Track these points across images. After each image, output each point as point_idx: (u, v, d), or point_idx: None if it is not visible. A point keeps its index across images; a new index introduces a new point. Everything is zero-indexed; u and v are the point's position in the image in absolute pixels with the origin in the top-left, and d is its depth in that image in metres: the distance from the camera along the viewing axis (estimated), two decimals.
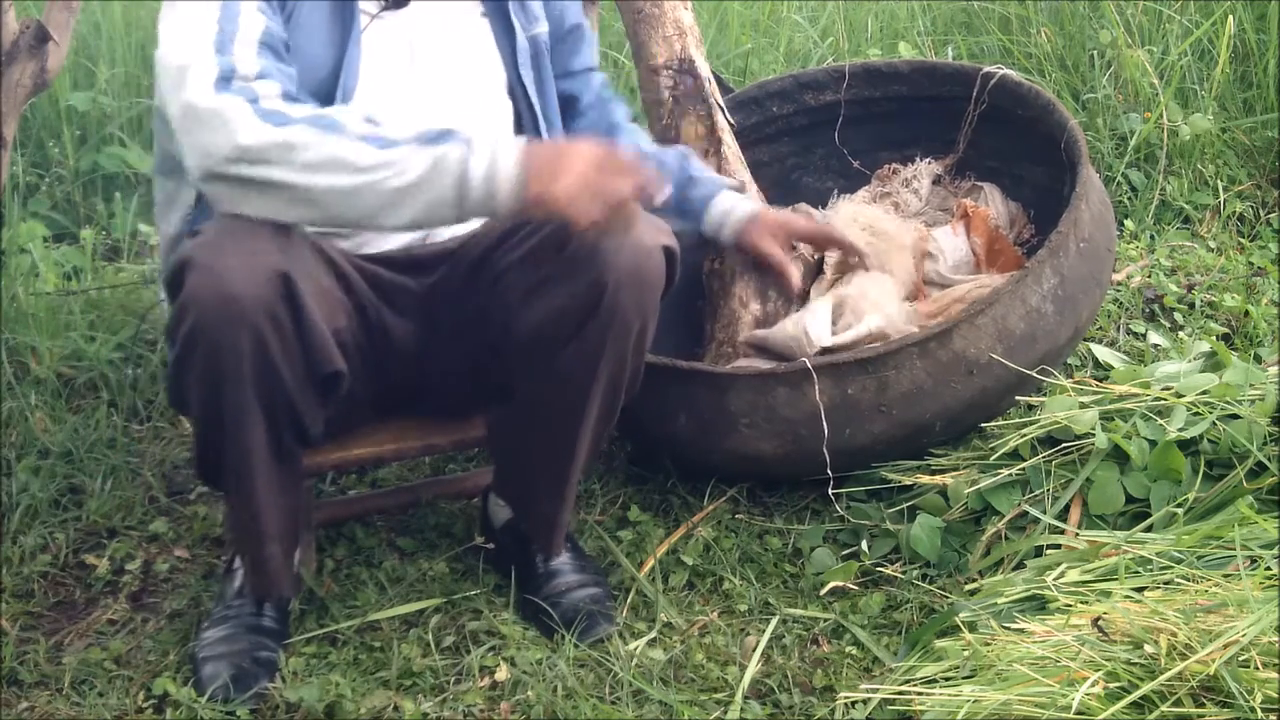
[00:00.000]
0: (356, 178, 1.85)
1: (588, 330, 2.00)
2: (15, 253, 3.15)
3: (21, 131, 3.38)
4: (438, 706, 2.01)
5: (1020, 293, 2.29)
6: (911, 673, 1.90)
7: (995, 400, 2.33)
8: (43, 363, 2.80)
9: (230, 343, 1.86)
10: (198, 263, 1.86)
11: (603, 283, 1.96)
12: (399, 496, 2.43)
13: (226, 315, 1.85)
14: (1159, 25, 3.67)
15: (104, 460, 2.58)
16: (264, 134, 1.84)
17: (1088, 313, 2.40)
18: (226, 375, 1.89)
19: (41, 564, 2.34)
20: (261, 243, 1.88)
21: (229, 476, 2.02)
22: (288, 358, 1.91)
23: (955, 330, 2.25)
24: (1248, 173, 3.47)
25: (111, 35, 3.75)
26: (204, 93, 1.86)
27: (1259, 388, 2.27)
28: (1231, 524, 1.98)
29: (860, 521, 2.34)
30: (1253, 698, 1.58)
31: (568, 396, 2.06)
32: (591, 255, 1.96)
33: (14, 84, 2.40)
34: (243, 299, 1.85)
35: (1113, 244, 2.49)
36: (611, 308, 1.98)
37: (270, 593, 2.13)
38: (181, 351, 1.90)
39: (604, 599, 2.19)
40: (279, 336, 1.89)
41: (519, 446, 2.18)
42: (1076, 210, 2.35)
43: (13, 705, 2.03)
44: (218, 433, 1.96)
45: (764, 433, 2.30)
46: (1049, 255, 2.31)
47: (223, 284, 1.84)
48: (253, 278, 1.85)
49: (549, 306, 2.01)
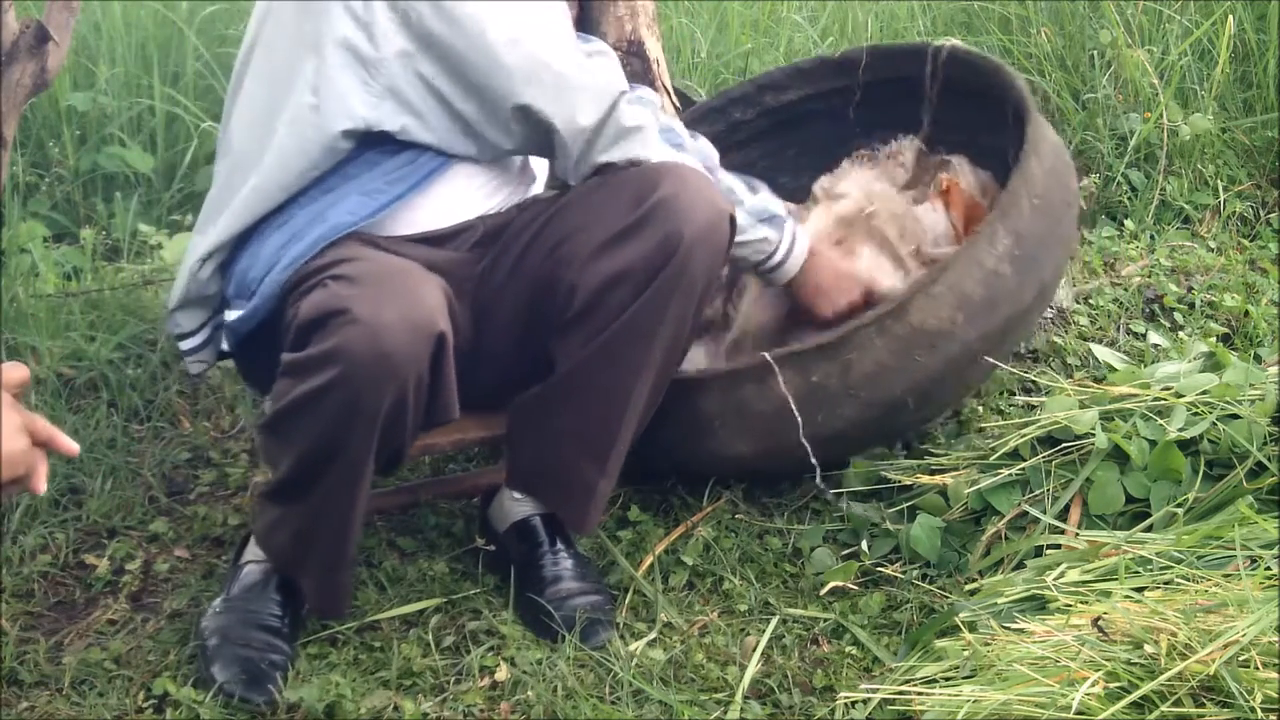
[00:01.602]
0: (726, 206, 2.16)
1: (658, 283, 2.04)
2: (15, 253, 3.15)
3: (21, 131, 3.38)
4: (438, 706, 2.01)
5: (975, 256, 2.24)
6: (911, 673, 1.90)
7: (964, 370, 2.28)
8: (43, 363, 2.80)
9: (374, 397, 1.88)
10: (355, 315, 1.86)
11: (679, 235, 2.02)
12: (399, 496, 2.43)
13: (379, 374, 1.87)
14: (1159, 25, 3.67)
15: (104, 460, 2.58)
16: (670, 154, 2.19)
17: (1051, 271, 2.35)
18: (360, 421, 1.91)
19: (41, 564, 2.34)
20: (419, 296, 1.91)
21: (318, 505, 2.01)
22: (417, 409, 1.95)
23: (911, 303, 2.21)
24: (1248, 173, 3.47)
25: (111, 35, 3.75)
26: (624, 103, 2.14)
27: (1259, 388, 2.27)
28: (1231, 524, 1.98)
29: (860, 520, 2.34)
30: (1253, 698, 1.58)
31: (629, 354, 2.08)
32: (669, 210, 2.03)
33: (14, 84, 2.40)
34: (398, 359, 1.87)
35: (1072, 198, 2.41)
36: (684, 262, 2.03)
37: (337, 612, 2.15)
38: (314, 392, 1.90)
39: (604, 605, 2.18)
40: (417, 394, 1.92)
41: (560, 421, 2.16)
42: (1026, 166, 2.29)
43: (13, 705, 2.03)
44: (326, 465, 1.97)
45: (738, 431, 2.29)
46: (1000, 216, 2.26)
47: (380, 341, 1.86)
48: (413, 338, 1.88)
49: (621, 260, 2.04)
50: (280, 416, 1.97)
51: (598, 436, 2.14)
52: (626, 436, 2.15)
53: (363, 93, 2.07)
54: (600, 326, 2.07)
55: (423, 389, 1.93)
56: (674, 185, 2.06)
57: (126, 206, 3.41)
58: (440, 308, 1.94)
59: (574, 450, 2.17)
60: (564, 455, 2.18)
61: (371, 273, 1.94)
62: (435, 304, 1.93)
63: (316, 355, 1.88)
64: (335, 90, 2.07)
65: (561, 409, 2.14)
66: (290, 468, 2.01)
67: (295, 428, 1.96)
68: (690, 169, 2.16)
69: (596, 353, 2.08)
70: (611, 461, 2.17)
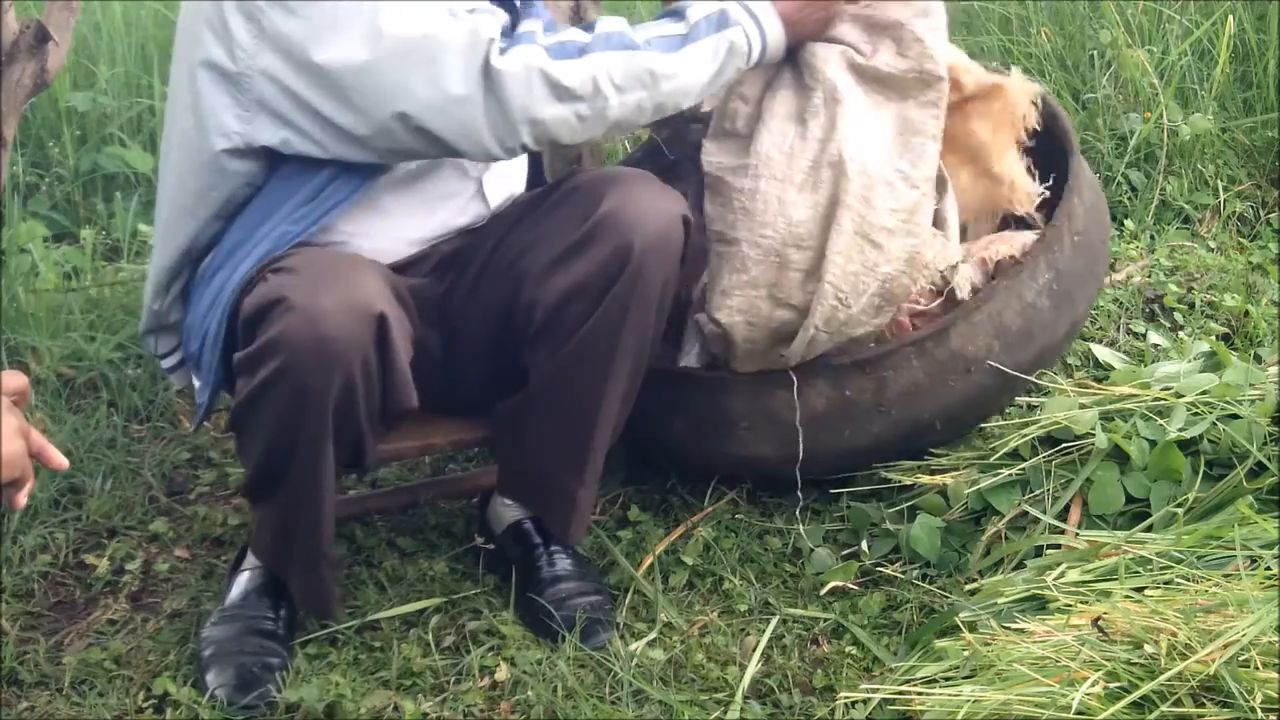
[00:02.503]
0: (665, 86, 2.04)
1: (613, 295, 2.02)
2: (15, 253, 3.15)
3: (21, 131, 3.38)
4: (438, 706, 2.01)
5: (1016, 288, 2.27)
6: (911, 673, 1.90)
7: (994, 398, 2.33)
8: (43, 363, 2.80)
9: (320, 384, 1.88)
10: (293, 303, 1.86)
11: (629, 246, 2.00)
12: (399, 496, 2.43)
13: (321, 357, 1.86)
14: (1159, 25, 3.67)
15: (104, 460, 2.58)
16: (575, 70, 1.98)
17: (1084, 307, 2.39)
18: (310, 411, 1.91)
19: (41, 564, 2.34)
20: (357, 282, 1.90)
21: (288, 499, 2.02)
22: (369, 396, 1.93)
23: (952, 328, 2.24)
24: (1248, 173, 3.46)
25: (111, 35, 3.75)
26: (500, 56, 1.95)
27: (1259, 388, 2.27)
28: (1231, 524, 1.98)
29: (861, 520, 2.34)
30: (1253, 698, 1.58)
31: (591, 369, 2.07)
32: (619, 221, 2.01)
33: (14, 84, 2.40)
34: (338, 342, 1.86)
35: (1107, 236, 2.47)
36: (637, 271, 2.01)
37: (326, 609, 2.15)
38: (263, 385, 1.90)
39: (604, 605, 2.19)
40: (366, 378, 1.91)
41: (536, 432, 2.16)
42: (1069, 203, 2.33)
43: (13, 705, 2.03)
44: (286, 460, 1.97)
45: (764, 435, 2.30)
46: (1043, 249, 2.29)
47: (319, 326, 1.85)
48: (351, 320, 1.87)
49: (574, 275, 2.03)
50: (239, 413, 1.98)
51: (572, 447, 2.15)
52: (601, 445, 2.15)
53: (234, 109, 2.01)
54: (562, 341, 2.06)
55: (371, 374, 1.91)
56: (618, 198, 2.03)
57: (126, 206, 3.41)
58: (380, 292, 1.92)
59: (552, 460, 2.18)
60: (544, 464, 2.19)
61: (310, 263, 1.94)
62: (374, 288, 1.92)
63: (261, 346, 1.89)
64: (209, 109, 2.02)
65: (537, 420, 2.15)
66: (256, 464, 2.02)
67: (254, 422, 1.96)
68: (637, 175, 2.12)
69: (562, 366, 2.08)
70: (588, 471, 2.17)
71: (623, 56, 2.01)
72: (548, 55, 1.98)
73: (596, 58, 2.00)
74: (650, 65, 2.02)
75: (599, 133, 2.06)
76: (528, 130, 1.98)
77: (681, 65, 2.05)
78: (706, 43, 2.07)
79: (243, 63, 1.98)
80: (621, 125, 2.06)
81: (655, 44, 2.04)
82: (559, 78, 1.97)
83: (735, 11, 2.12)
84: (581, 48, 2.01)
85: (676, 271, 2.09)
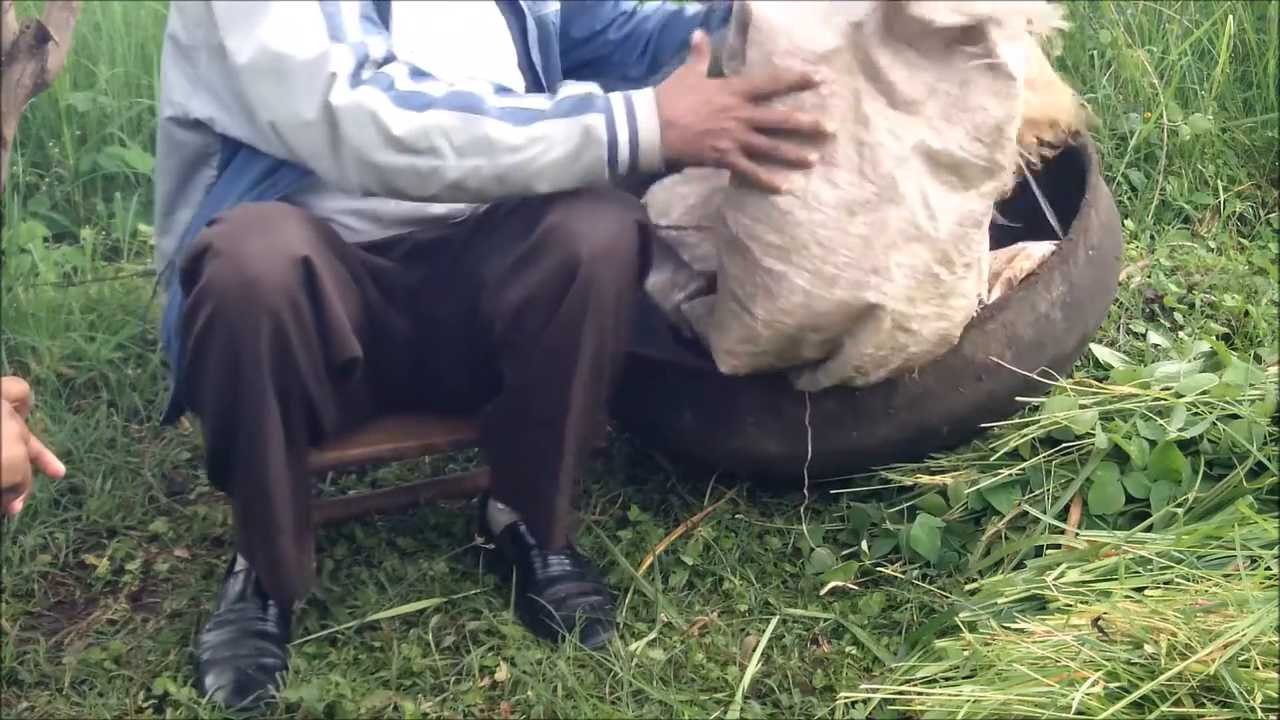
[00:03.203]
0: (506, 159, 1.92)
1: (565, 308, 1.98)
2: (15, 253, 3.15)
3: (21, 131, 3.38)
4: (438, 706, 2.01)
5: (1030, 299, 2.28)
6: (911, 673, 1.90)
7: (1002, 405, 2.33)
8: (43, 363, 2.80)
9: (250, 327, 1.86)
10: (218, 248, 1.86)
11: (576, 258, 1.95)
12: (399, 496, 2.43)
13: (247, 299, 1.85)
14: (1159, 25, 3.67)
15: (104, 460, 2.58)
16: (410, 122, 1.90)
17: (1094, 320, 2.40)
18: (244, 361, 1.88)
19: (41, 564, 2.34)
20: (282, 228, 1.89)
21: (242, 471, 2.00)
22: (305, 344, 1.91)
23: (965, 336, 2.24)
24: (1248, 173, 3.47)
25: (111, 35, 3.75)
26: (342, 91, 1.90)
27: (1259, 388, 2.27)
28: (1231, 524, 1.98)
29: (861, 520, 2.34)
30: (1253, 698, 1.58)
31: (553, 379, 2.04)
32: (563, 232, 1.96)
33: (14, 84, 2.40)
34: (263, 283, 1.85)
35: (1120, 252, 2.48)
36: (587, 282, 1.96)
37: (284, 593, 2.12)
38: (198, 340, 1.90)
39: (604, 605, 2.19)
40: (298, 322, 1.89)
41: (511, 438, 2.16)
42: (1086, 218, 2.34)
43: (13, 705, 2.03)
44: (232, 424, 1.95)
45: (771, 432, 2.30)
46: (1059, 262, 2.30)
47: (244, 268, 1.84)
48: (274, 262, 1.85)
49: (526, 287, 1.99)
50: (188, 383, 1.98)
51: (544, 454, 2.13)
52: (570, 452, 2.12)
53: (184, 82, 2.10)
54: (522, 352, 2.04)
55: (304, 319, 1.89)
56: (560, 213, 1.96)
57: (126, 206, 3.41)
58: (305, 238, 1.91)
59: (527, 466, 2.17)
60: (521, 469, 2.19)
61: (238, 214, 1.94)
62: (300, 234, 1.90)
63: (194, 299, 1.89)
64: (167, 80, 2.14)
65: (510, 426, 2.15)
66: (208, 434, 2.02)
67: (199, 385, 1.95)
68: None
69: (525, 376, 2.06)
70: (562, 477, 2.14)
71: (462, 119, 1.91)
72: (391, 102, 1.90)
73: (437, 114, 1.91)
74: (490, 133, 1.91)
75: (444, 192, 1.96)
76: (364, 173, 1.93)
77: (526, 141, 1.92)
78: (560, 123, 1.93)
79: (193, 36, 2.06)
80: (467, 190, 1.96)
81: (506, 114, 1.92)
82: (390, 126, 1.89)
83: (607, 99, 1.95)
84: (428, 101, 1.91)
85: (633, 277, 2.03)
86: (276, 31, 1.92)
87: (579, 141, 1.93)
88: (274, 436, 1.96)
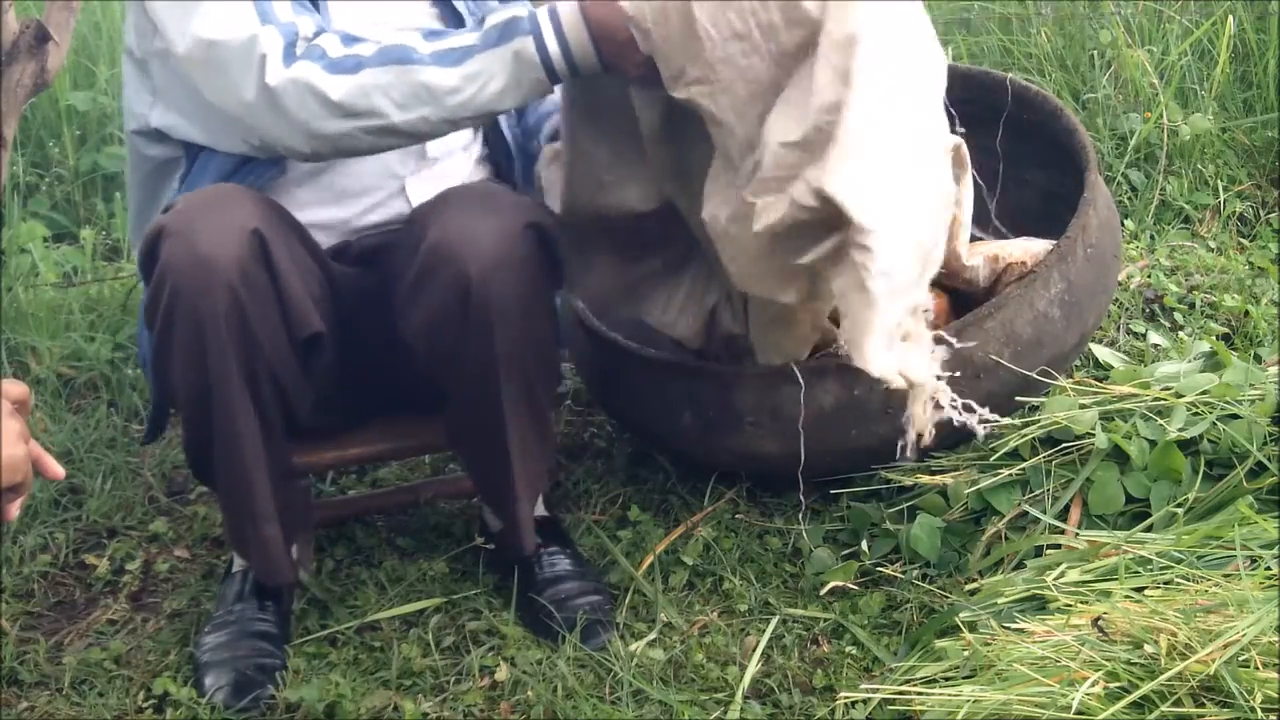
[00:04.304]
0: (449, 101, 1.92)
1: (470, 325, 1.96)
2: (15, 253, 3.15)
3: (21, 131, 3.38)
4: (438, 706, 2.01)
5: (1028, 297, 2.28)
6: (911, 673, 1.90)
7: (1001, 404, 2.32)
8: (42, 363, 2.80)
9: (208, 306, 1.87)
10: (170, 230, 1.89)
11: (465, 276, 1.93)
12: (399, 496, 2.43)
13: (202, 277, 1.86)
14: (1159, 25, 3.67)
15: (104, 460, 2.58)
16: (345, 85, 1.91)
17: (1093, 319, 2.40)
18: (207, 342, 1.89)
19: (41, 564, 2.34)
20: (233, 205, 1.92)
21: (219, 458, 2.00)
22: (264, 318, 1.91)
23: (962, 334, 2.25)
24: (1248, 173, 3.46)
25: (111, 35, 3.75)
26: (276, 70, 1.91)
27: (1259, 388, 2.27)
28: (1231, 524, 1.98)
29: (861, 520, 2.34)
30: (1253, 698, 1.58)
31: (481, 393, 2.03)
32: (446, 251, 1.94)
33: (14, 84, 2.39)
34: (216, 259, 1.86)
35: (1118, 251, 2.48)
36: (484, 299, 1.94)
37: (273, 577, 2.10)
38: (162, 326, 1.91)
39: (604, 606, 2.19)
40: (254, 296, 1.89)
41: (463, 449, 2.18)
42: (1085, 216, 2.34)
43: (13, 705, 2.03)
44: (204, 411, 1.95)
45: (769, 432, 2.30)
46: (1057, 260, 2.30)
47: (196, 246, 1.87)
48: (225, 236, 1.88)
49: (427, 309, 1.98)
50: (158, 372, 1.99)
51: (495, 465, 2.11)
52: (519, 460, 2.09)
53: (143, 93, 2.15)
54: (446, 369, 2.03)
55: (259, 292, 1.90)
56: (442, 226, 1.95)
57: (126, 207, 3.40)
58: (255, 213, 1.92)
59: (484, 474, 2.17)
60: (486, 478, 2.19)
61: (190, 197, 1.97)
62: (250, 209, 1.93)
63: (154, 285, 1.91)
64: (127, 94, 2.18)
65: (457, 438, 2.16)
66: (186, 429, 2.03)
67: (168, 373, 1.96)
68: (466, 193, 2.05)
69: (455, 391, 2.06)
70: (518, 486, 2.12)
71: (396, 72, 1.91)
72: (324, 70, 1.91)
73: (371, 73, 1.91)
74: (426, 80, 1.91)
75: (404, 141, 1.98)
76: (314, 143, 1.95)
77: (462, 80, 1.91)
78: (492, 54, 1.92)
79: (144, 47, 2.10)
80: (426, 134, 1.97)
81: (438, 57, 1.91)
82: (328, 93, 1.90)
83: (533, 16, 1.93)
84: (359, 62, 1.91)
85: (532, 282, 1.99)
86: (208, 21, 1.95)
87: (514, 68, 1.92)
88: (244, 417, 1.96)
